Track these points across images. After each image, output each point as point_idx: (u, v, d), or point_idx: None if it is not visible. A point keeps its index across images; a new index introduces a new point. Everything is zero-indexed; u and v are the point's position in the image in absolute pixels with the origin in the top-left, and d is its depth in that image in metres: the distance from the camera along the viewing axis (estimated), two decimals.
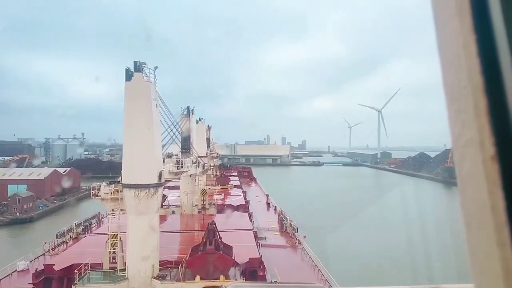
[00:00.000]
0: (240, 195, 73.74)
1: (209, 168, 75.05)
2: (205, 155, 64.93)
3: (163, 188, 30.57)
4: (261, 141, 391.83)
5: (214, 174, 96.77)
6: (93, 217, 52.37)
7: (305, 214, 65.92)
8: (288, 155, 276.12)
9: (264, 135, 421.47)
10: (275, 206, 65.44)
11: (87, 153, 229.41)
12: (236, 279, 28.39)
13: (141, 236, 27.28)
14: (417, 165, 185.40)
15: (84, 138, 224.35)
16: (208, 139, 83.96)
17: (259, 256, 33.74)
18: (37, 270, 31.69)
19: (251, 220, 51.05)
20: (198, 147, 56.35)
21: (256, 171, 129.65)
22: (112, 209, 28.34)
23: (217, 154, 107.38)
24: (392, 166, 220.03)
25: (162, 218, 43.90)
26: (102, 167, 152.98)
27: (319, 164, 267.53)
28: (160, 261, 28.62)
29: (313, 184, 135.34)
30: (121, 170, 28.24)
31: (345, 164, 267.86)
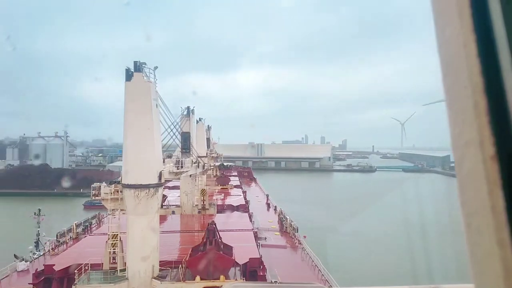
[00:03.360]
0: (240, 195, 73.73)
1: (209, 168, 75.03)
2: (205, 155, 64.97)
3: (163, 188, 30.57)
4: (299, 141, 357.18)
5: (214, 174, 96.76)
6: (93, 217, 52.38)
7: None
8: (329, 157, 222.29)
9: (302, 134, 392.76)
10: (275, 206, 65.45)
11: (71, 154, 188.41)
12: (236, 279, 28.36)
13: (141, 236, 27.28)
14: None
15: (68, 136, 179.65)
16: (208, 139, 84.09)
17: (259, 256, 33.80)
18: (37, 270, 31.75)
19: (251, 220, 51.06)
20: (198, 147, 56.37)
21: (277, 181, 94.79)
22: (112, 209, 28.35)
23: (218, 154, 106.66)
24: None
25: (162, 218, 43.91)
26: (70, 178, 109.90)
27: (370, 169, 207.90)
28: (160, 261, 28.60)
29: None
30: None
31: (406, 170, 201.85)
